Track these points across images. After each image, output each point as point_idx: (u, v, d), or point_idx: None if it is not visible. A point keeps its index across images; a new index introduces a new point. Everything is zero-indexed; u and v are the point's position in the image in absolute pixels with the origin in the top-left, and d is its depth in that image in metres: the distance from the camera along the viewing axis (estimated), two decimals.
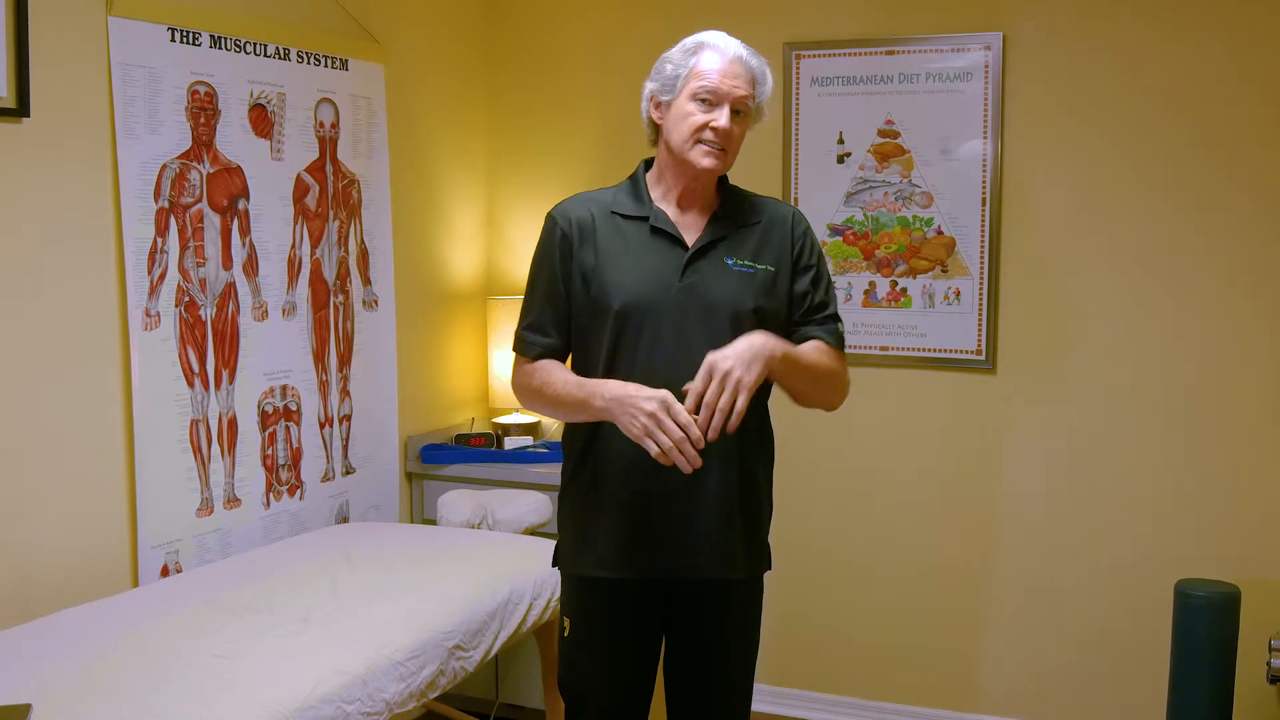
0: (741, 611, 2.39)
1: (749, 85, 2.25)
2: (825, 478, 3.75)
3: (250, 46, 3.09)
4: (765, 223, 2.36)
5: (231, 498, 3.08)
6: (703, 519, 2.25)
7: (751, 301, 2.28)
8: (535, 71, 4.07)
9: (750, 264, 2.31)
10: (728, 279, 2.29)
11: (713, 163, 2.25)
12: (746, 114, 2.27)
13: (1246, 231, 3.29)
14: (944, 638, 3.69)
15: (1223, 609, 3.05)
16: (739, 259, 2.31)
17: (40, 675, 2.12)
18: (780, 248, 2.35)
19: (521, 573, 2.81)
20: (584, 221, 2.33)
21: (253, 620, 2.43)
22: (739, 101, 2.24)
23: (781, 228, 2.36)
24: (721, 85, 2.23)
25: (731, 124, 2.24)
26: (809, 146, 3.70)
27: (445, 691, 2.51)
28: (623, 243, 2.32)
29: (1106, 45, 3.39)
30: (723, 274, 2.29)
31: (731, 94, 2.23)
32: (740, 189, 2.41)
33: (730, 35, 2.31)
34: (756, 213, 2.37)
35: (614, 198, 2.35)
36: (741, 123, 2.27)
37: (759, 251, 2.33)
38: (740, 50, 2.27)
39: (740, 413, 2.05)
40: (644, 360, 2.27)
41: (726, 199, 2.36)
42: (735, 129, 2.25)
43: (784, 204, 2.44)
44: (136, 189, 2.77)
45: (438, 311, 3.93)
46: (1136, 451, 3.44)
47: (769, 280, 2.32)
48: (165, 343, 2.87)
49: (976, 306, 3.56)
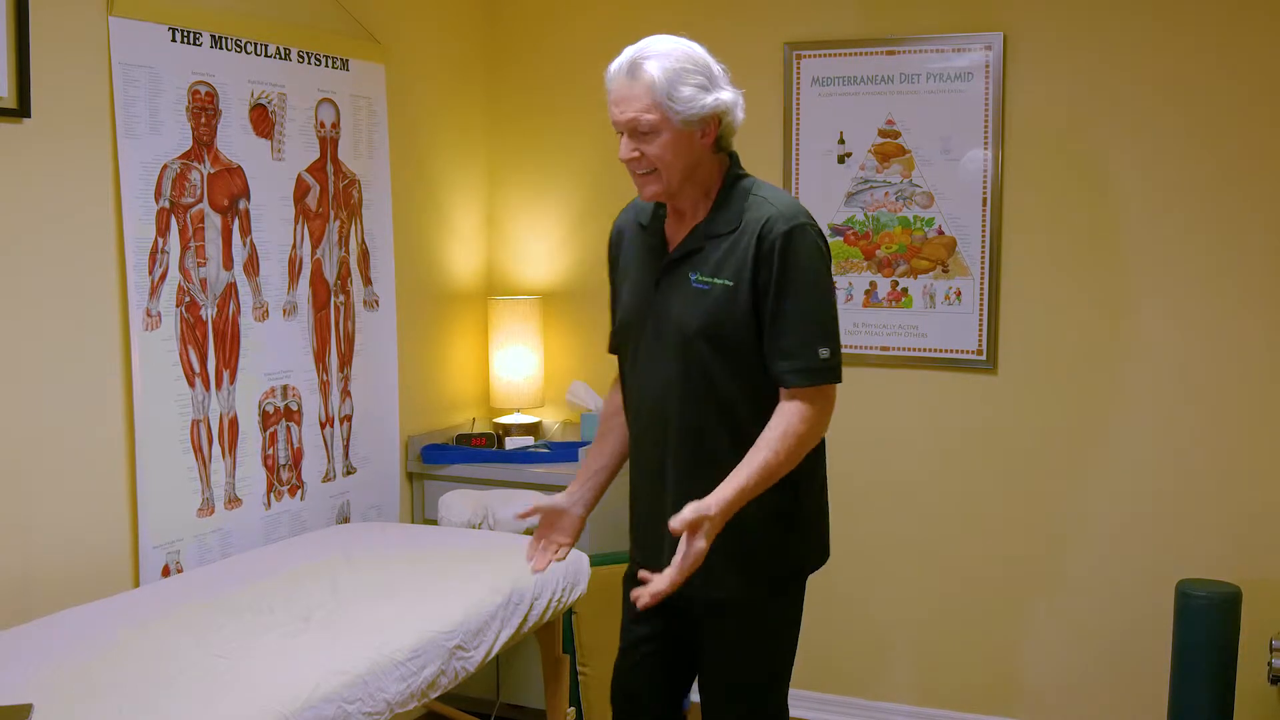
0: (725, 633, 2.29)
1: (641, 99, 2.08)
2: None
3: (251, 46, 3.09)
4: (740, 230, 2.15)
5: (232, 498, 3.08)
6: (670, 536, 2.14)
7: (698, 323, 2.14)
8: (535, 72, 4.07)
9: (709, 279, 2.15)
10: (685, 297, 2.17)
11: (648, 190, 2.16)
12: (656, 128, 2.09)
13: (1247, 231, 3.29)
14: (943, 638, 3.69)
15: (1223, 609, 3.05)
16: (701, 274, 2.16)
17: (40, 675, 2.12)
18: (742, 259, 2.13)
19: (522, 573, 2.81)
20: (623, 230, 2.37)
21: (253, 620, 2.43)
22: (631, 124, 2.10)
23: (751, 236, 2.13)
24: (613, 115, 2.13)
25: (637, 147, 2.11)
26: (809, 146, 3.70)
27: (446, 691, 2.51)
28: (634, 255, 2.31)
29: (1107, 45, 3.39)
30: (683, 291, 2.17)
31: (621, 121, 2.11)
32: (749, 189, 2.21)
33: (634, 48, 2.15)
34: (740, 219, 2.16)
35: (650, 206, 2.27)
36: (652, 139, 2.10)
37: (721, 264, 2.15)
38: (622, 67, 2.12)
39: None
40: (630, 382, 2.34)
41: (718, 206, 2.19)
42: (645, 150, 2.11)
43: (777, 207, 2.16)
44: (137, 189, 2.77)
45: (438, 311, 3.93)
46: (1137, 451, 3.44)
47: (725, 297, 2.13)
48: (166, 343, 2.87)
49: (977, 306, 3.56)
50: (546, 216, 4.10)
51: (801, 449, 2.14)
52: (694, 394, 2.19)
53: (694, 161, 2.15)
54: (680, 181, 2.15)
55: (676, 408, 2.21)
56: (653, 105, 2.09)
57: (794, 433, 2.11)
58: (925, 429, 3.66)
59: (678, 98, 2.09)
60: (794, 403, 2.14)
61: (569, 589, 2.90)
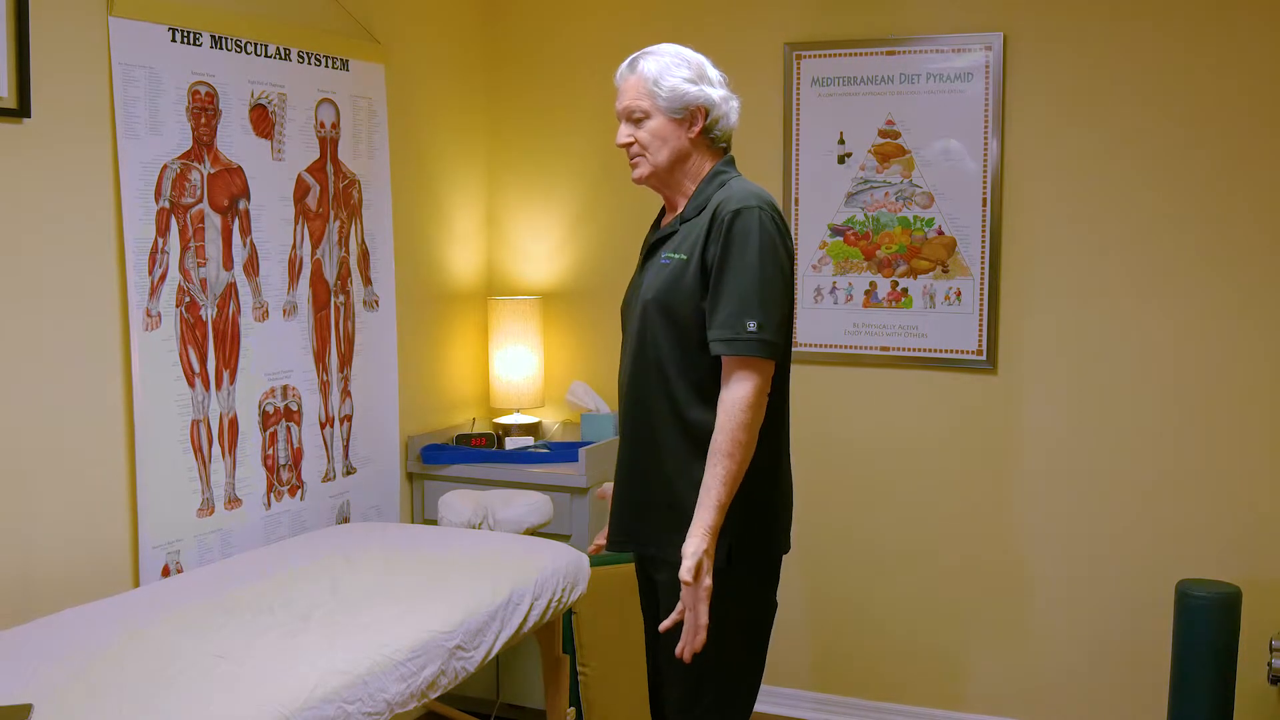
0: (655, 592, 2.45)
1: (636, 88, 2.34)
2: (824, 478, 3.75)
3: (251, 47, 3.09)
4: (703, 213, 2.31)
5: (232, 498, 3.08)
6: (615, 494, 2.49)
7: (652, 293, 2.31)
8: (535, 72, 4.07)
9: (671, 255, 2.33)
10: (653, 273, 2.36)
11: (637, 171, 2.39)
12: (647, 113, 2.34)
13: (1246, 231, 3.30)
14: (943, 638, 3.69)
15: (1223, 609, 3.05)
16: (667, 253, 2.35)
17: (40, 675, 2.12)
18: (698, 237, 2.29)
19: (522, 573, 2.81)
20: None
21: (253, 620, 2.43)
22: (624, 112, 2.38)
23: (707, 216, 2.29)
24: (616, 106, 2.40)
25: (631, 132, 2.37)
26: (809, 147, 3.70)
27: (446, 692, 2.51)
28: (641, 249, 2.55)
29: (1107, 45, 3.39)
30: (655, 269, 2.36)
31: (619, 108, 2.39)
32: (725, 181, 2.35)
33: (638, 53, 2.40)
34: (707, 204, 2.32)
35: (661, 205, 2.53)
36: (643, 124, 2.35)
37: (682, 243, 2.32)
38: (625, 63, 2.39)
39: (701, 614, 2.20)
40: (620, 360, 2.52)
41: (695, 195, 2.36)
42: (637, 135, 2.36)
43: (734, 192, 2.30)
44: (137, 189, 2.78)
45: (438, 311, 3.93)
46: (1137, 451, 3.44)
47: (679, 270, 2.29)
48: (166, 343, 2.87)
49: (977, 307, 3.56)
50: (546, 216, 4.10)
51: (750, 437, 2.20)
52: (642, 365, 2.35)
53: (681, 149, 2.36)
54: (668, 167, 2.36)
55: (628, 379, 2.39)
56: (645, 93, 2.33)
57: (739, 425, 2.18)
58: (925, 429, 3.66)
59: (664, 86, 2.32)
60: (726, 391, 2.21)
61: (569, 589, 2.90)
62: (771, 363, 2.22)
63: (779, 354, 2.23)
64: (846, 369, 3.74)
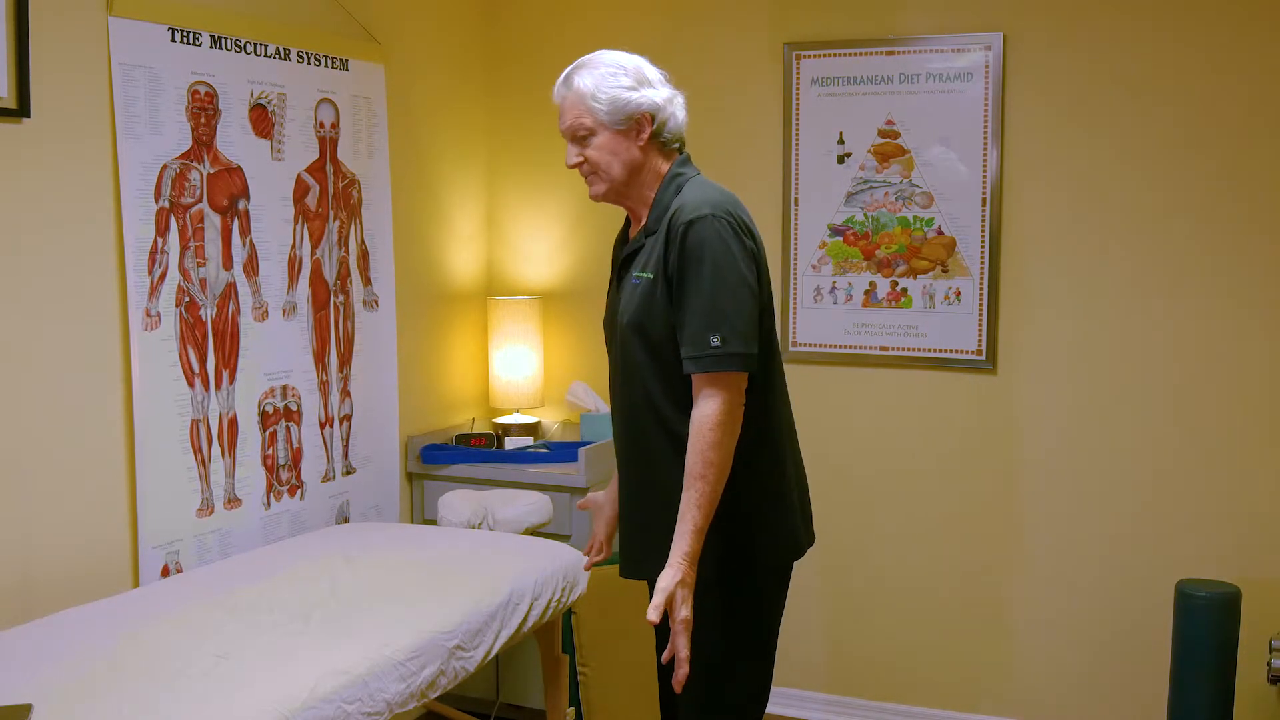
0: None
1: (576, 106, 2.24)
2: (824, 479, 3.74)
3: (250, 46, 3.09)
4: (661, 225, 2.22)
5: (232, 498, 3.08)
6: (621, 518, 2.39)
7: (627, 316, 2.24)
8: (535, 72, 4.06)
9: (640, 274, 2.23)
10: (628, 294, 2.27)
11: (594, 190, 2.30)
12: (592, 130, 2.24)
13: (1246, 231, 3.30)
14: (943, 638, 3.69)
15: (1223, 609, 3.06)
16: (637, 271, 2.25)
17: (40, 675, 2.12)
18: (660, 253, 2.19)
19: (522, 573, 2.81)
20: (616, 245, 2.50)
21: (253, 620, 2.43)
22: (568, 132, 2.27)
23: (664, 229, 2.20)
24: (560, 126, 2.29)
25: (580, 152, 2.27)
26: (809, 146, 3.70)
27: (446, 692, 2.51)
28: (612, 264, 2.47)
29: (1107, 46, 3.39)
30: (628, 289, 2.27)
31: (563, 129, 2.28)
32: (681, 185, 2.25)
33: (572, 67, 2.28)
34: (666, 213, 2.22)
35: (625, 215, 2.44)
36: (589, 142, 2.25)
37: (648, 260, 2.22)
38: (559, 81, 2.29)
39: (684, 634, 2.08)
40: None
41: (654, 204, 2.26)
42: (586, 154, 2.26)
43: (688, 200, 2.20)
44: (137, 189, 2.77)
45: (438, 311, 3.93)
46: (1137, 451, 3.44)
47: (648, 290, 2.20)
48: (166, 343, 2.87)
49: (976, 306, 3.56)
50: (546, 216, 4.10)
51: (722, 455, 2.11)
52: (630, 388, 2.29)
53: (633, 161, 2.26)
54: (624, 180, 2.27)
55: (619, 401, 2.34)
56: (585, 110, 2.23)
57: (709, 444, 2.09)
58: (924, 429, 3.66)
59: (603, 99, 2.22)
60: (697, 410, 2.13)
61: (568, 589, 2.90)
62: (742, 375, 2.15)
63: (751, 362, 2.15)
64: (846, 369, 3.74)
